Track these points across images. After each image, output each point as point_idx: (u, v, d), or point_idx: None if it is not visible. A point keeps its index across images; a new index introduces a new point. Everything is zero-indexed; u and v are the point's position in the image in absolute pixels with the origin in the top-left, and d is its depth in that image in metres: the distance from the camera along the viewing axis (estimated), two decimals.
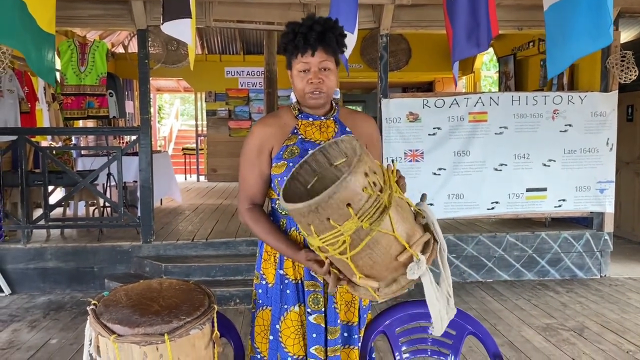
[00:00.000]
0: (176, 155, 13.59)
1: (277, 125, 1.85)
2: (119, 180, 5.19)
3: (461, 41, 4.14)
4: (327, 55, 1.75)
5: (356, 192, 1.36)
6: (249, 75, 11.02)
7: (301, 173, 1.61)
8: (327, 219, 1.39)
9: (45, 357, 3.57)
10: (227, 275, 4.83)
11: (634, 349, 3.64)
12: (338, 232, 1.39)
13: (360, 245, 1.41)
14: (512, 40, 7.73)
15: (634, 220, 6.62)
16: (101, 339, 1.58)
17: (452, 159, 5.13)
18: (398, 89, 12.64)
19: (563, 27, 3.49)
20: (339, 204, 1.36)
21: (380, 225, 1.39)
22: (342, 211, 1.37)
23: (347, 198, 1.36)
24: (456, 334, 2.07)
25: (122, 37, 10.63)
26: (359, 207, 1.37)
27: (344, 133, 1.85)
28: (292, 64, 1.78)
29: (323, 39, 1.72)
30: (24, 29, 3.43)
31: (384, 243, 1.43)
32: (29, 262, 5.00)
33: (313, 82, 1.75)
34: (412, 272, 1.48)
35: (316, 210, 1.38)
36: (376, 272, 1.50)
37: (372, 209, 1.38)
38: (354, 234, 1.39)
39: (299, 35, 1.71)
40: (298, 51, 1.73)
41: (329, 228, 1.40)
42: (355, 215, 1.36)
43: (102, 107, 5.87)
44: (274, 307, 1.83)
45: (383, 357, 3.46)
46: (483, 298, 4.75)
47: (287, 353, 1.78)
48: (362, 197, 1.37)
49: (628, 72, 5.05)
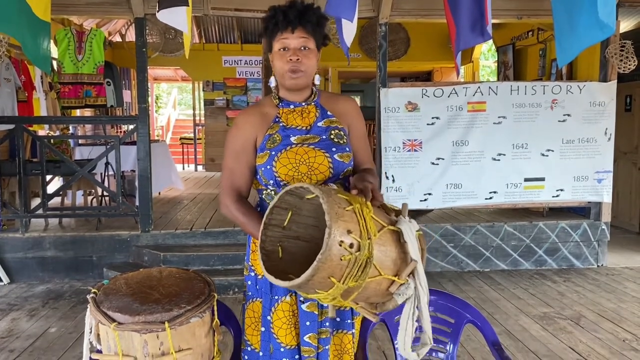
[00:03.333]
0: (174, 145, 13.55)
1: (259, 114, 1.82)
2: (117, 170, 5.18)
3: (465, 31, 4.12)
4: (307, 34, 1.73)
5: (335, 265, 1.34)
6: (246, 64, 10.98)
7: (274, 216, 1.57)
8: (313, 289, 1.39)
9: (45, 345, 3.58)
10: (225, 264, 4.83)
11: (630, 337, 3.66)
12: (327, 296, 1.40)
13: (353, 295, 1.43)
14: (511, 30, 7.70)
15: (631, 210, 6.65)
16: (101, 327, 1.59)
17: (450, 149, 5.13)
18: (396, 79, 12.60)
19: (570, 15, 3.49)
20: (322, 280, 1.35)
21: (368, 278, 1.39)
22: (325, 283, 1.36)
23: (328, 273, 1.34)
24: (455, 322, 2.08)
25: (119, 26, 10.56)
26: (341, 275, 1.35)
27: (325, 117, 1.83)
28: (273, 44, 1.76)
29: (303, 16, 1.71)
30: (20, 17, 3.40)
31: (373, 286, 1.44)
32: (27, 251, 5.00)
33: (292, 59, 1.72)
34: (398, 296, 1.49)
35: (299, 288, 1.39)
36: (372, 301, 1.53)
37: (355, 270, 1.36)
38: (343, 292, 1.40)
39: (278, 13, 1.71)
40: (278, 29, 1.72)
41: (314, 294, 1.42)
42: (339, 282, 1.36)
43: (99, 96, 5.85)
44: (265, 299, 1.80)
45: (382, 345, 3.48)
46: (481, 287, 4.77)
47: (279, 344, 1.76)
48: (342, 265, 1.35)
49: (627, 62, 5.04)
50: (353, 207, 1.41)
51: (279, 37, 1.73)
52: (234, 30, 10.84)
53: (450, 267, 5.28)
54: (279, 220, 1.58)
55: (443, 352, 2.11)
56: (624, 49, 5.05)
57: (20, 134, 4.98)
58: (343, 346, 1.83)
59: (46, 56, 3.77)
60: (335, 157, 1.76)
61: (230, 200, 1.79)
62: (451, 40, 4.38)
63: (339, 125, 1.83)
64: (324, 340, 1.78)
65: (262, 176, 1.78)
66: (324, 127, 1.81)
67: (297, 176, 1.72)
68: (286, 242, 1.58)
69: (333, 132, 1.80)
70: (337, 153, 1.76)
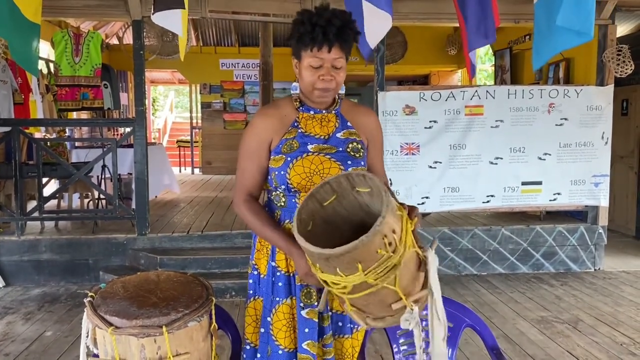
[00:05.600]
0: (171, 148, 13.53)
1: (278, 117, 1.80)
2: (113, 173, 5.16)
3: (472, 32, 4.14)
4: (342, 52, 1.69)
5: (370, 253, 1.35)
6: (244, 67, 10.98)
7: (320, 192, 1.58)
8: (335, 267, 1.39)
9: (41, 349, 3.56)
10: (222, 268, 4.82)
11: (627, 341, 3.66)
12: (341, 280, 1.41)
13: (361, 294, 1.43)
14: (508, 34, 7.72)
15: (627, 214, 6.66)
16: (98, 331, 1.57)
17: (448, 152, 5.13)
18: (394, 82, 12.61)
19: (549, 19, 3.53)
20: (351, 261, 1.36)
21: (385, 282, 1.40)
22: (351, 266, 1.37)
23: (360, 258, 1.35)
24: (454, 327, 2.08)
25: (116, 28, 10.54)
26: (368, 266, 1.37)
27: (345, 128, 1.82)
28: (303, 55, 1.71)
29: (341, 35, 1.66)
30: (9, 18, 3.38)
31: (383, 293, 1.44)
32: (23, 254, 4.97)
33: (325, 79, 1.69)
34: (406, 323, 1.48)
35: (326, 260, 1.39)
36: (367, 309, 1.53)
37: (381, 268, 1.37)
38: (357, 284, 1.40)
39: (317, 28, 1.64)
40: (314, 45, 1.66)
41: (334, 273, 1.41)
42: (362, 272, 1.36)
43: (96, 98, 5.83)
44: (265, 299, 1.81)
45: (379, 349, 3.47)
46: (478, 291, 4.77)
47: (278, 346, 1.76)
48: (375, 258, 1.36)
49: (624, 66, 5.06)
50: (402, 214, 1.46)
51: (314, 54, 1.68)
52: (232, 33, 10.84)
53: (448, 270, 5.27)
54: (322, 197, 1.58)
55: None
56: (621, 53, 5.07)
57: (16, 137, 4.96)
58: (344, 351, 1.83)
59: (34, 58, 3.74)
60: (349, 170, 1.74)
61: (241, 199, 1.80)
62: (463, 40, 4.37)
63: (357, 138, 1.82)
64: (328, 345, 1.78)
65: (274, 179, 1.77)
66: (342, 138, 1.80)
67: (309, 186, 1.71)
68: (318, 219, 1.57)
69: (351, 144, 1.79)
70: (352, 167, 1.76)
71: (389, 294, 1.45)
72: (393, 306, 1.47)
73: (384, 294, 1.44)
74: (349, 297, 1.47)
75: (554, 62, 6.68)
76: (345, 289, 1.43)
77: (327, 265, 1.41)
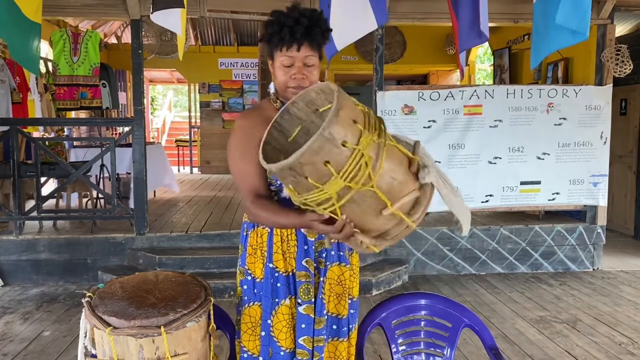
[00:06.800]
0: (169, 147, 13.52)
1: (260, 117, 1.78)
2: (112, 172, 5.15)
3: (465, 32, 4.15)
4: (312, 50, 1.71)
5: (335, 150, 1.25)
6: (242, 66, 10.97)
7: (282, 123, 1.53)
8: (306, 178, 1.30)
9: (39, 349, 3.55)
10: (221, 268, 4.81)
11: (626, 341, 3.66)
12: (321, 193, 1.32)
13: (346, 199, 1.33)
14: (507, 33, 7.72)
15: (626, 214, 6.66)
16: (96, 332, 1.57)
17: (446, 152, 5.13)
18: (392, 82, 12.62)
19: (547, 19, 3.55)
20: (318, 164, 1.26)
21: (366, 183, 1.30)
22: (321, 169, 1.27)
23: (326, 157, 1.26)
24: (452, 327, 2.08)
25: (114, 28, 10.53)
26: (340, 166, 1.27)
27: None
28: (275, 55, 1.74)
29: (309, 33, 1.68)
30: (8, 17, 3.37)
31: (369, 199, 1.36)
32: (21, 254, 4.96)
33: (296, 77, 1.71)
34: (424, 177, 1.42)
35: (293, 170, 1.29)
36: (368, 226, 1.43)
37: (353, 165, 1.27)
38: (340, 192, 1.31)
39: (285, 28, 1.66)
40: (283, 44, 1.69)
41: (311, 189, 1.33)
42: (337, 174, 1.27)
43: (95, 97, 5.82)
44: (265, 302, 1.78)
45: (378, 349, 3.47)
46: (477, 291, 4.77)
47: (279, 347, 1.75)
48: (342, 154, 1.26)
49: (623, 66, 5.06)
50: (363, 108, 1.36)
51: (283, 53, 1.71)
52: (230, 32, 10.83)
53: (447, 270, 5.27)
54: (286, 129, 1.53)
55: (440, 356, 2.10)
56: (620, 53, 5.07)
57: (14, 136, 4.95)
58: (338, 354, 1.82)
59: (35, 57, 3.73)
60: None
61: (250, 202, 1.74)
62: (455, 40, 4.39)
63: None
64: (319, 348, 1.77)
65: (269, 178, 1.78)
66: None
67: None
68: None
69: None
70: None
71: (376, 198, 1.35)
72: (384, 212, 1.37)
73: (372, 199, 1.35)
74: (339, 206, 1.35)
75: (553, 62, 6.68)
76: (330, 202, 1.33)
77: (299, 182, 1.32)
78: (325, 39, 1.74)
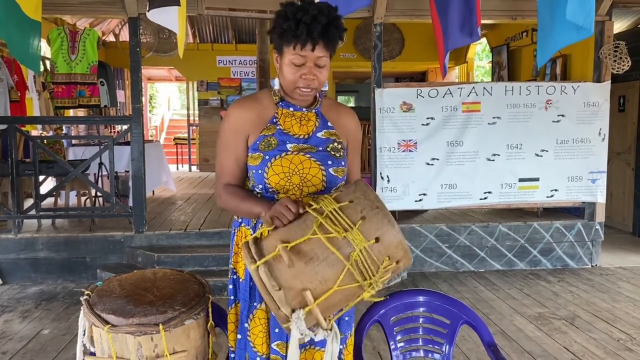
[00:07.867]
0: (168, 145, 13.51)
1: (256, 110, 1.73)
2: (110, 170, 5.15)
3: (454, 31, 4.14)
4: (327, 51, 1.62)
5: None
6: (241, 64, 10.95)
7: None
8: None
9: (38, 347, 3.55)
10: (220, 265, 4.81)
11: (624, 337, 3.67)
12: None
13: None
14: (505, 30, 7.71)
15: (624, 210, 6.67)
16: (95, 330, 1.57)
17: (445, 149, 5.13)
18: (391, 79, 12.61)
19: (553, 16, 3.55)
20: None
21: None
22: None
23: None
24: (451, 323, 2.08)
25: (112, 25, 10.51)
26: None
27: (325, 128, 1.76)
28: (285, 51, 1.63)
29: (327, 33, 1.58)
30: (7, 16, 3.37)
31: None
32: (20, 253, 4.96)
33: (307, 78, 1.62)
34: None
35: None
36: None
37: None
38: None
39: (301, 25, 1.55)
40: (297, 42, 1.58)
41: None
42: None
43: (93, 95, 5.81)
44: (243, 305, 1.72)
45: (377, 346, 3.48)
46: (475, 287, 4.77)
47: (255, 353, 1.68)
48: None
49: (621, 63, 5.06)
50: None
51: (296, 51, 1.61)
52: (229, 30, 10.82)
53: (445, 267, 5.28)
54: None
55: (439, 352, 2.10)
56: (618, 50, 5.07)
57: (12, 134, 4.94)
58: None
59: (36, 56, 3.73)
60: (330, 170, 1.69)
61: (221, 189, 1.74)
62: (437, 41, 4.38)
63: (337, 139, 1.76)
64: None
65: (252, 178, 1.71)
66: (323, 138, 1.74)
67: (288, 186, 1.66)
68: None
69: (331, 144, 1.73)
70: (333, 167, 1.70)
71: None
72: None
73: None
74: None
75: (551, 59, 6.68)
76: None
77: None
78: (340, 40, 1.66)
